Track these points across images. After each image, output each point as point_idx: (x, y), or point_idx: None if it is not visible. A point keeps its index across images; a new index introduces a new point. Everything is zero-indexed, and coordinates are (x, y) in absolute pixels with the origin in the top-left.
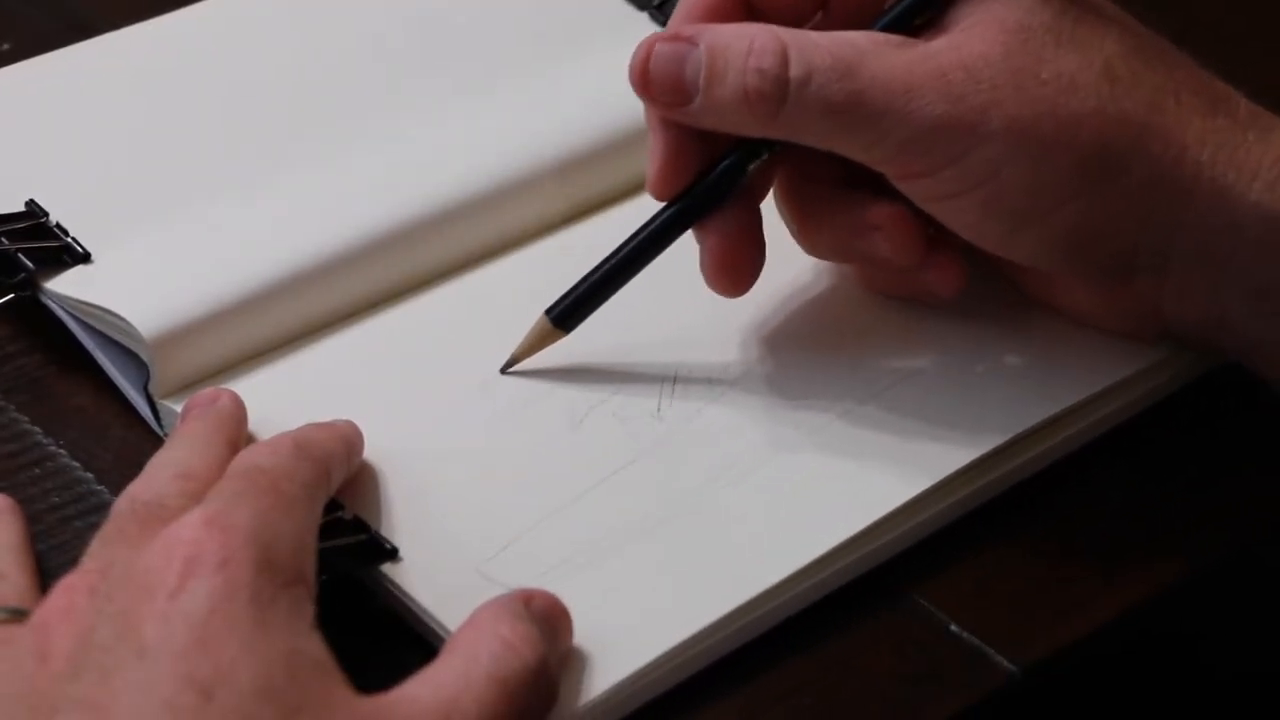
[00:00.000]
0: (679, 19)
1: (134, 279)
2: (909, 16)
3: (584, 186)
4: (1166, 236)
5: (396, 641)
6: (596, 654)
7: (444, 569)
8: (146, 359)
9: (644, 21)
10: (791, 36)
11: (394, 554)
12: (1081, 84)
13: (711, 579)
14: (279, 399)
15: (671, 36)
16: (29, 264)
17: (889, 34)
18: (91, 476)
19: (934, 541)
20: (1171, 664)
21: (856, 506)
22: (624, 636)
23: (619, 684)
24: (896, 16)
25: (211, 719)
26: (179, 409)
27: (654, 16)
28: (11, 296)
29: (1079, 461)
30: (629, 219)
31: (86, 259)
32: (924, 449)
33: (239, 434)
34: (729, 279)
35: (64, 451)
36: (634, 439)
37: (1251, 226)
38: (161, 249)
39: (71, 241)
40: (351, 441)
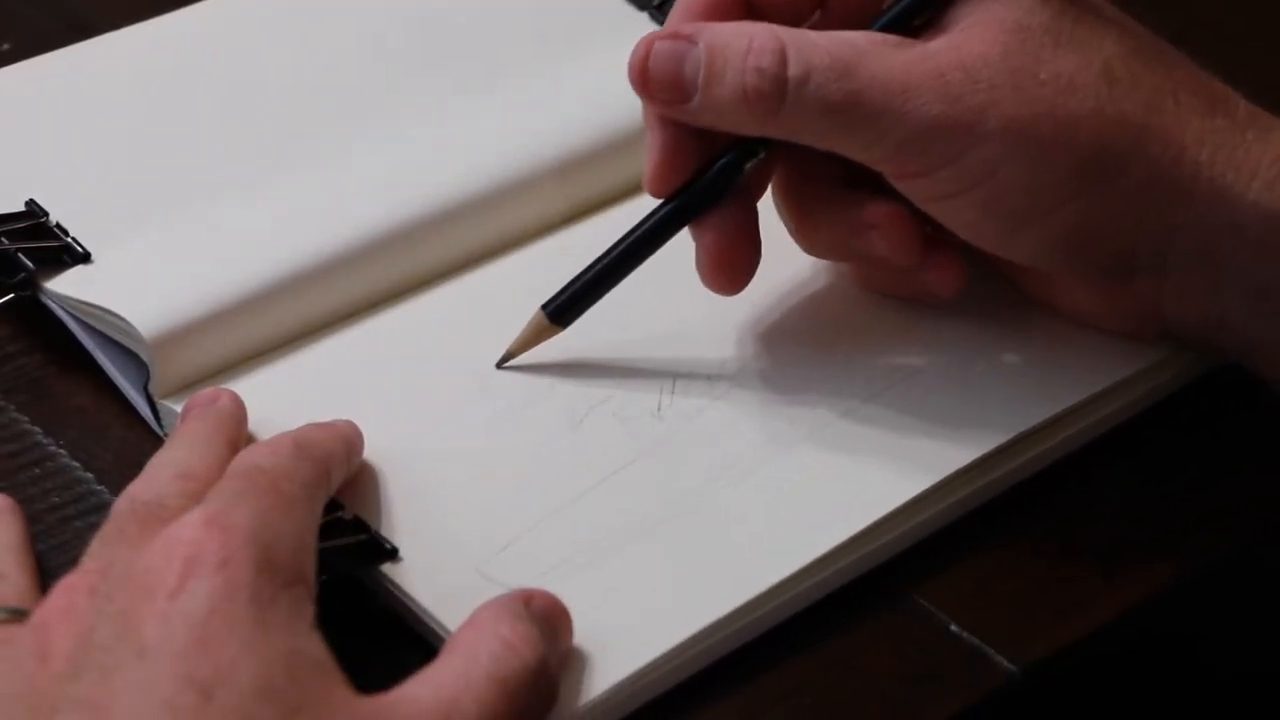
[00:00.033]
0: (678, 17)
1: (134, 279)
2: (907, 16)
3: (584, 186)
4: (1166, 237)
5: (396, 641)
6: (596, 654)
7: (444, 569)
8: (146, 359)
9: (644, 21)
10: (790, 36)
11: (394, 554)
12: (1080, 85)
13: (711, 579)
14: (279, 399)
15: (670, 34)
16: (29, 264)
17: (887, 34)
18: (91, 476)
19: (934, 541)
20: (1171, 664)
21: (856, 506)
22: (624, 636)
23: (619, 684)
24: (895, 16)
25: (211, 719)
26: (179, 409)
27: (654, 16)
28: (11, 296)
29: (1079, 461)
30: (629, 219)
31: (86, 259)
32: (924, 448)
33: (239, 434)
34: (725, 277)
35: (64, 451)
36: (634, 439)
37: (1251, 226)
38: (161, 249)
39: (71, 241)
40: (351, 441)
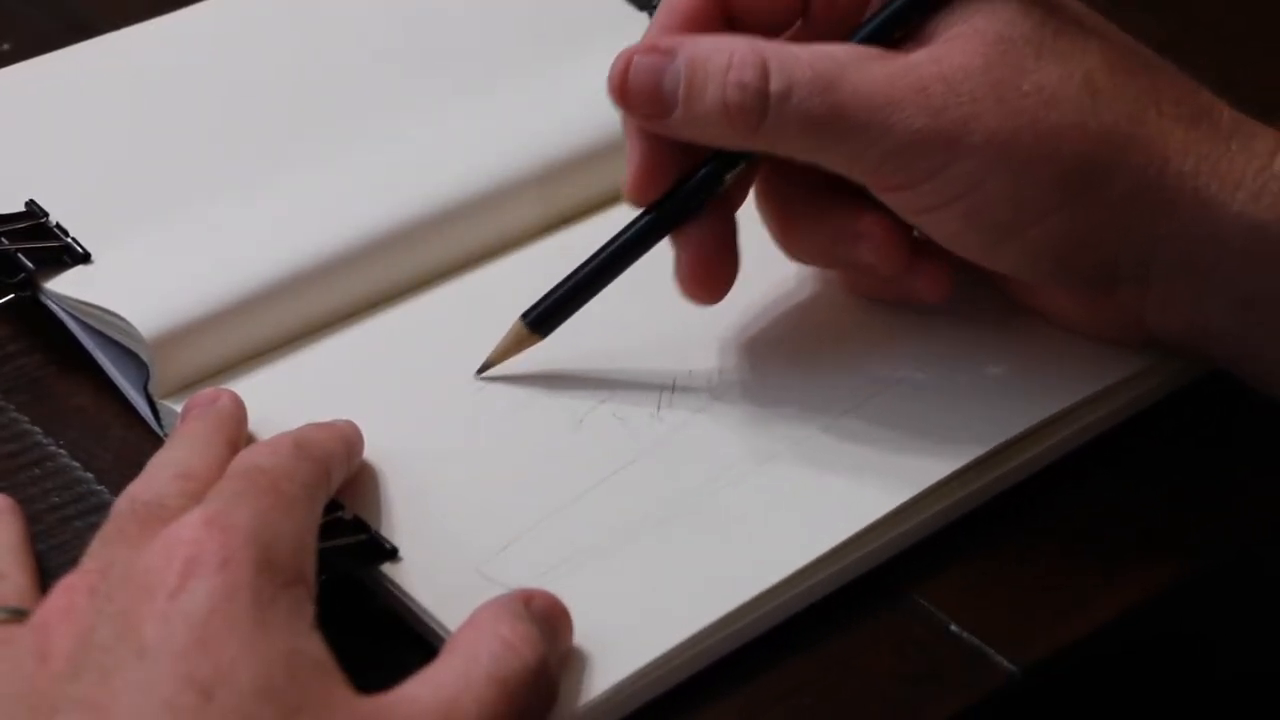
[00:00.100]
0: (657, 29)
1: (134, 279)
2: (889, 28)
3: (584, 186)
4: (1149, 247)
5: (396, 641)
6: (596, 654)
7: (444, 569)
8: (146, 359)
9: (644, 21)
10: (771, 50)
11: (394, 554)
12: (1063, 96)
13: (711, 579)
14: (279, 399)
15: (649, 48)
16: (29, 264)
17: (868, 46)
18: (91, 476)
19: (934, 541)
20: (1171, 664)
21: (856, 506)
22: (624, 636)
23: (619, 684)
24: (876, 28)
25: (211, 719)
26: (179, 409)
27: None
28: (11, 296)
29: (1079, 462)
30: (629, 219)
31: (86, 259)
32: (927, 448)
33: (239, 434)
34: (703, 288)
35: (64, 451)
36: (634, 439)
37: (1235, 237)
38: (161, 249)
39: (71, 241)
40: (351, 441)
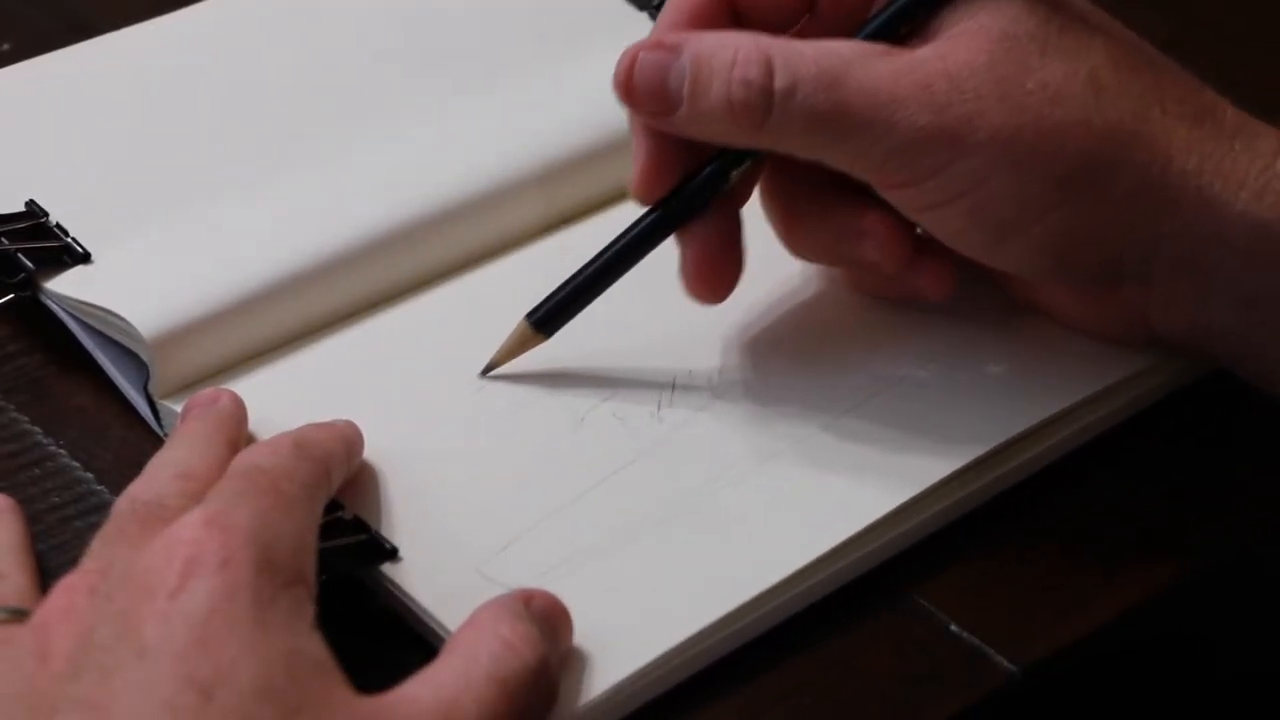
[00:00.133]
0: (663, 26)
1: (134, 279)
2: (894, 24)
3: (585, 186)
4: (1152, 245)
5: (396, 641)
6: (596, 654)
7: (444, 569)
8: (146, 359)
9: (644, 21)
10: (776, 47)
11: (394, 554)
12: (1067, 93)
13: (711, 579)
14: (279, 399)
15: (654, 45)
16: (29, 264)
17: (873, 43)
18: (91, 476)
19: (934, 541)
20: (1171, 664)
21: (857, 506)
22: (624, 636)
23: (619, 684)
24: (882, 24)
25: (211, 719)
26: (179, 409)
27: (654, 16)
28: (11, 296)
29: (1079, 462)
30: (629, 218)
31: (86, 259)
32: (927, 447)
33: (239, 434)
34: (707, 286)
35: (64, 451)
36: (634, 439)
37: (1238, 236)
38: (161, 249)
39: (71, 241)
40: (351, 441)
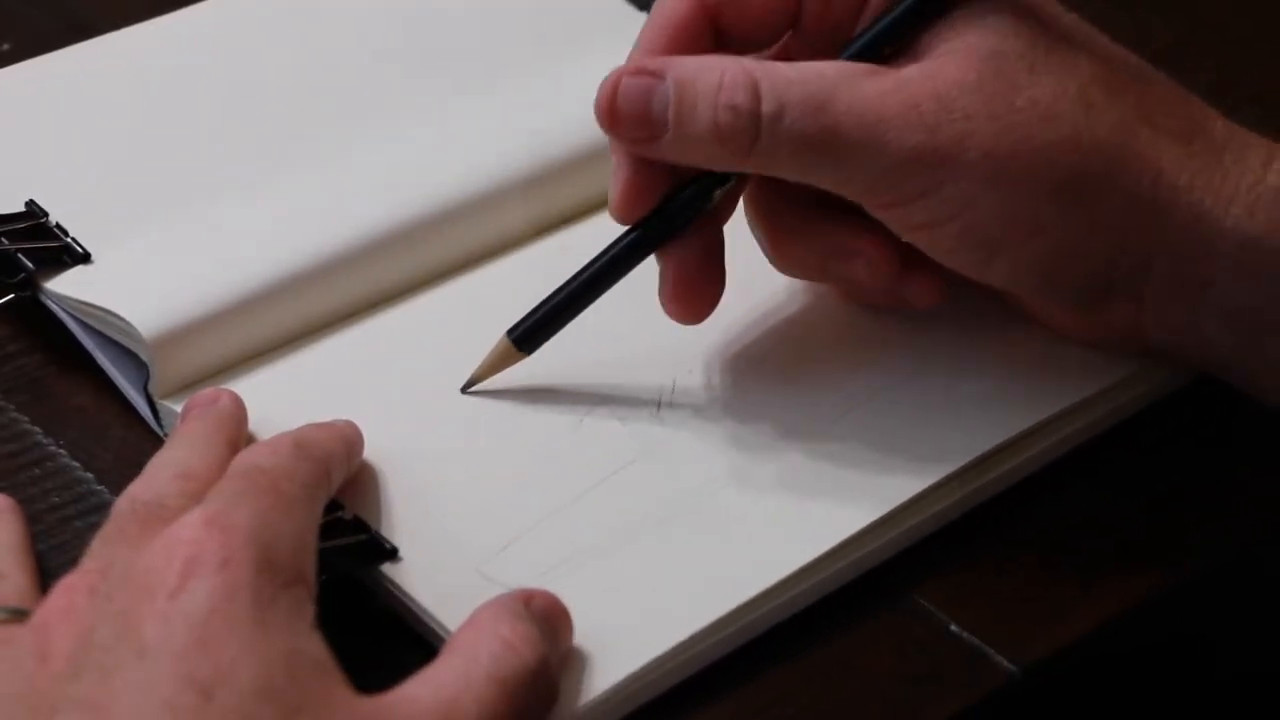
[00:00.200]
0: (643, 49)
1: (134, 279)
2: (880, 43)
3: (584, 186)
4: (1143, 261)
5: (396, 641)
6: (596, 654)
7: (444, 569)
8: (146, 359)
9: (644, 21)
10: (761, 70)
11: (394, 554)
12: (1057, 111)
13: (711, 579)
14: (279, 399)
15: (636, 70)
16: (29, 264)
17: (858, 63)
18: (91, 476)
19: (934, 541)
20: (1171, 664)
21: (858, 506)
22: (624, 636)
23: (619, 684)
24: (867, 43)
25: (211, 719)
26: (179, 409)
27: None
28: (11, 296)
29: (1080, 462)
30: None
31: (86, 259)
32: (933, 443)
33: (239, 434)
34: (687, 308)
35: (64, 451)
36: (634, 439)
37: (1229, 252)
38: (161, 249)
39: (71, 241)
40: (351, 441)
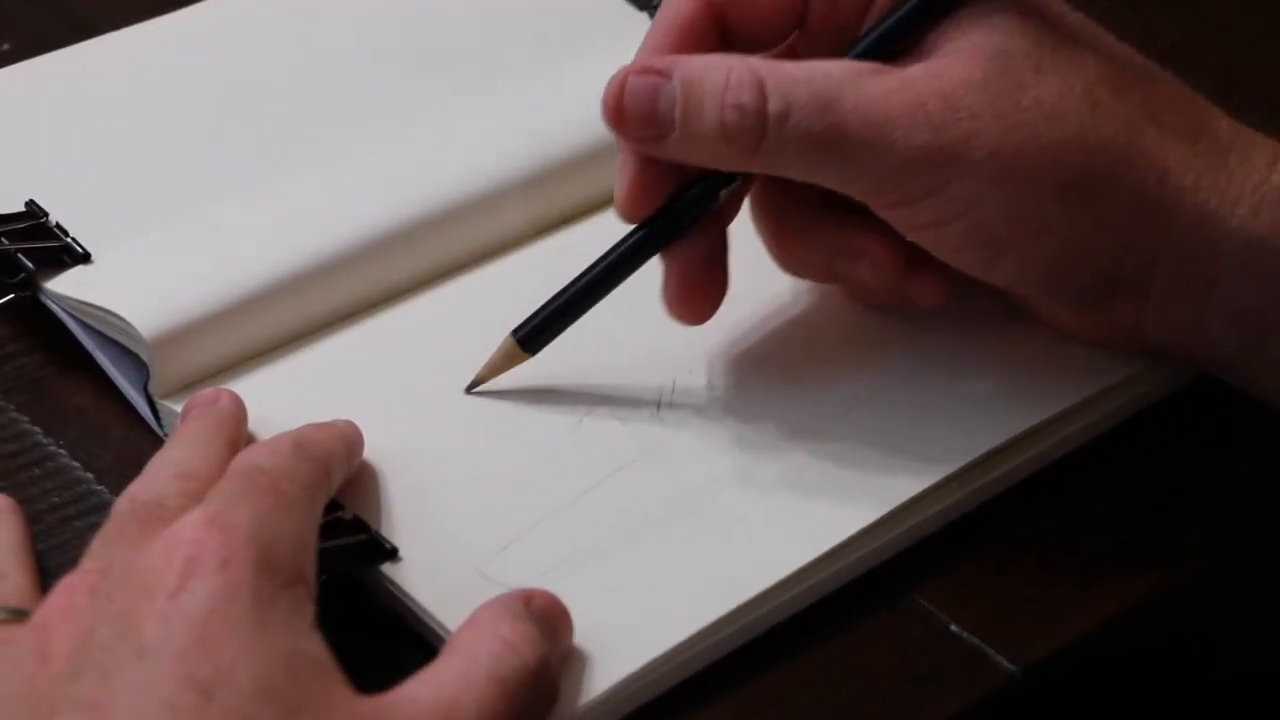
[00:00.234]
0: (650, 48)
1: (134, 279)
2: (886, 42)
3: (585, 186)
4: (1148, 260)
5: (396, 641)
6: (596, 654)
7: (444, 569)
8: (146, 359)
9: (644, 21)
10: (768, 69)
11: (394, 554)
12: (1063, 110)
13: (711, 579)
14: (279, 399)
15: (643, 69)
16: (29, 264)
17: (864, 62)
18: (91, 476)
19: (934, 541)
20: (1171, 664)
21: (858, 506)
22: (624, 636)
23: (619, 684)
24: (873, 43)
25: (211, 719)
26: (179, 409)
27: (654, 16)
28: (11, 296)
29: (1081, 461)
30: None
31: (86, 259)
32: (934, 443)
33: (239, 434)
34: (690, 309)
35: (64, 451)
36: (634, 439)
37: (1234, 252)
38: (161, 249)
39: (71, 241)
40: (351, 441)
